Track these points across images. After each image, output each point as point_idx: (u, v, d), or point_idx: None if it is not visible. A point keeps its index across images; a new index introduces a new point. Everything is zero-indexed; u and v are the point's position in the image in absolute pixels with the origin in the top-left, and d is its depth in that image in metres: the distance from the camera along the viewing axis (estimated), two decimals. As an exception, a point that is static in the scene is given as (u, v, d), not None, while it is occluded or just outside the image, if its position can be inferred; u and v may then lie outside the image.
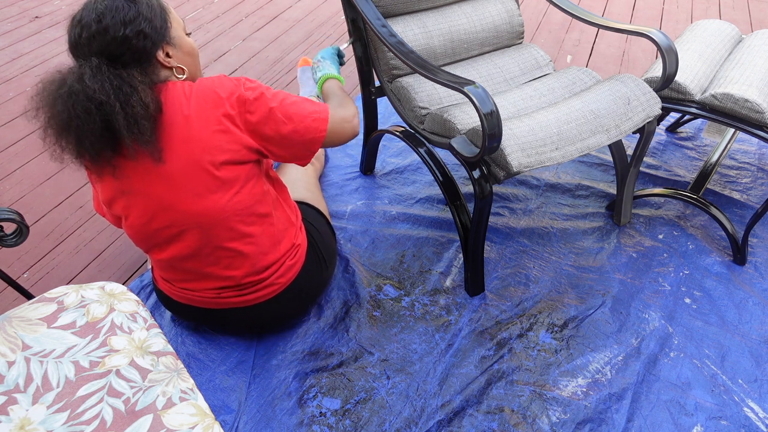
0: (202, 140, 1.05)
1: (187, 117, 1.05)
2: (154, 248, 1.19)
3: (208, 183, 1.08)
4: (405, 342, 1.42)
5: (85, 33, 0.99)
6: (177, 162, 1.06)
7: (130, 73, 1.00)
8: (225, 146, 1.07)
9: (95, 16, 0.99)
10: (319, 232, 1.41)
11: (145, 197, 1.10)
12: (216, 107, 1.06)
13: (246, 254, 1.19)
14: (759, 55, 1.63)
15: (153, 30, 1.03)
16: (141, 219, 1.13)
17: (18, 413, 0.81)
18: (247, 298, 1.25)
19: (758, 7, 3.37)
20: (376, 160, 1.98)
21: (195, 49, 1.16)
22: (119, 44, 1.00)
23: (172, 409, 0.85)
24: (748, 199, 1.88)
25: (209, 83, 1.08)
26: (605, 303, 1.52)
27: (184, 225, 1.12)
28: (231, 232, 1.15)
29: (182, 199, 1.09)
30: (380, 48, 1.58)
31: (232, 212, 1.13)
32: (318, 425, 1.24)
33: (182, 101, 1.05)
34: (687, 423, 1.26)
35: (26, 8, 3.17)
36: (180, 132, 1.05)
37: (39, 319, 0.95)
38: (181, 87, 1.07)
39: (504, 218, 1.79)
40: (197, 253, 1.16)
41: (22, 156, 2.05)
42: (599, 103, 1.36)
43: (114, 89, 0.97)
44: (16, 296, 1.52)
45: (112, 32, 0.99)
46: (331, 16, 3.19)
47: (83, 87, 0.96)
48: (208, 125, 1.06)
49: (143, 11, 1.02)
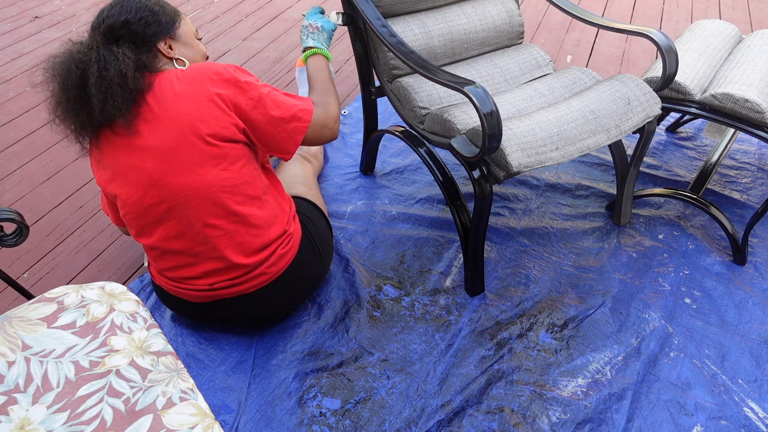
0: (189, 113, 1.11)
1: (177, 95, 1.11)
2: (145, 230, 1.21)
3: (195, 156, 1.12)
4: (405, 342, 1.42)
5: (99, 18, 1.15)
6: (166, 136, 1.11)
7: (121, 48, 1.11)
8: (213, 120, 1.12)
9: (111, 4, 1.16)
10: (315, 224, 1.41)
11: (137, 172, 1.14)
12: (206, 84, 1.12)
13: (233, 233, 1.20)
14: (759, 55, 1.63)
15: (156, 21, 1.17)
16: (134, 195, 1.16)
17: (18, 413, 0.81)
18: (240, 288, 1.25)
19: (758, 7, 3.37)
20: (376, 160, 1.98)
21: (203, 50, 1.28)
22: (121, 26, 1.13)
23: (172, 409, 0.85)
24: (748, 199, 1.88)
25: (200, 65, 1.15)
26: (605, 303, 1.52)
27: (173, 200, 1.15)
28: (218, 209, 1.17)
29: (171, 172, 1.13)
30: (380, 48, 1.58)
31: (218, 187, 1.15)
32: (318, 425, 1.24)
33: (173, 81, 1.13)
34: (687, 423, 1.26)
35: (26, 8, 3.17)
36: (169, 108, 1.11)
37: (39, 319, 0.95)
38: (174, 71, 1.15)
39: (504, 218, 1.79)
40: (186, 231, 1.18)
41: (22, 156, 2.05)
42: (599, 103, 1.36)
43: (98, 56, 1.08)
44: (16, 296, 1.52)
45: (117, 15, 1.14)
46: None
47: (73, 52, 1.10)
48: (197, 99, 1.11)
49: (152, 6, 1.17)
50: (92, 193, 1.89)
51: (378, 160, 2.03)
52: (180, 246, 1.20)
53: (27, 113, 2.28)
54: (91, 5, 3.22)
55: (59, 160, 2.03)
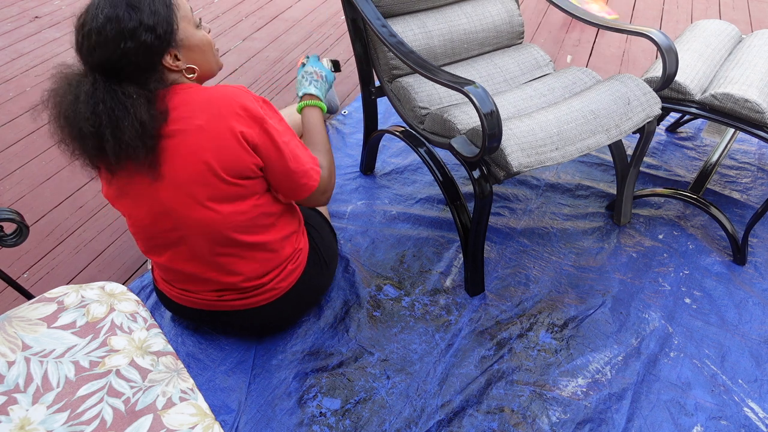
0: (211, 150, 1.03)
1: (200, 127, 1.02)
2: (154, 249, 1.19)
3: (212, 193, 1.07)
4: (405, 342, 1.42)
5: (86, 42, 0.97)
6: (184, 170, 1.04)
7: (126, 91, 0.98)
8: (233, 160, 1.05)
9: (96, 26, 0.96)
10: (320, 234, 1.41)
11: (150, 200, 1.09)
12: (231, 120, 1.03)
13: (247, 258, 1.19)
14: (759, 55, 1.63)
15: (156, 39, 0.98)
16: (145, 219, 1.13)
17: (18, 413, 0.81)
18: (248, 302, 1.25)
19: (758, 7, 3.37)
20: (376, 160, 1.98)
21: (207, 41, 1.09)
22: (119, 58, 0.97)
23: (172, 409, 0.85)
24: (748, 199, 1.88)
25: (229, 94, 1.04)
26: (605, 303, 1.52)
27: (186, 230, 1.12)
28: (232, 243, 1.15)
29: (186, 205, 1.08)
30: (380, 48, 1.58)
31: (233, 226, 1.12)
32: (318, 425, 1.24)
33: (196, 109, 1.02)
34: (687, 423, 1.26)
35: (26, 8, 3.17)
36: (191, 140, 1.03)
37: (39, 319, 0.95)
38: (197, 92, 1.03)
39: (504, 218, 1.79)
40: (197, 258, 1.16)
41: (22, 156, 2.05)
42: (599, 103, 1.36)
43: (106, 112, 0.96)
44: (16, 296, 1.52)
45: (112, 46, 0.96)
46: (331, 16, 3.19)
47: (77, 111, 0.97)
48: (220, 135, 1.03)
49: (145, 19, 0.97)
50: (92, 193, 1.89)
51: (378, 160, 2.03)
52: (191, 269, 1.19)
53: (27, 113, 2.28)
54: (91, 5, 3.22)
55: (59, 160, 2.03)
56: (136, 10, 0.97)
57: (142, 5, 0.97)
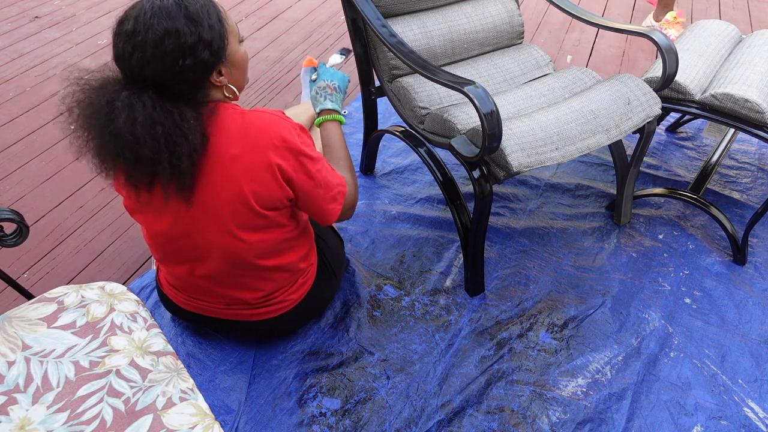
0: (244, 180, 1.00)
1: (234, 157, 0.98)
2: (171, 261, 1.17)
3: (240, 222, 1.06)
4: (405, 342, 1.42)
5: (138, 53, 0.89)
6: (213, 196, 1.01)
7: (183, 114, 0.93)
8: (266, 193, 1.03)
9: (153, 38, 0.88)
10: (329, 245, 1.40)
11: (173, 218, 1.06)
12: (268, 151, 0.99)
13: (264, 281, 1.20)
14: (759, 55, 1.63)
15: (212, 55, 0.94)
16: (163, 238, 1.10)
17: (18, 413, 0.81)
18: (257, 312, 1.26)
19: (758, 7, 3.37)
20: (376, 160, 1.98)
21: (247, 57, 1.06)
22: (175, 75, 0.91)
23: (172, 409, 0.85)
24: (748, 199, 1.88)
25: (268, 123, 1.00)
26: (605, 303, 1.52)
27: (207, 253, 1.11)
28: (253, 266, 1.15)
29: (211, 230, 1.06)
30: (380, 48, 1.58)
31: (256, 254, 1.12)
32: (318, 425, 1.23)
33: (232, 137, 0.98)
34: (687, 423, 1.26)
35: (26, 8, 3.17)
36: (224, 170, 0.99)
37: (39, 319, 0.95)
38: (233, 117, 0.99)
39: (504, 218, 1.79)
40: (214, 276, 1.16)
41: (22, 156, 2.05)
42: (599, 103, 1.36)
43: (165, 136, 0.91)
44: (16, 296, 1.52)
45: (170, 61, 0.90)
46: (331, 16, 3.19)
47: (135, 134, 0.90)
48: (254, 167, 0.99)
49: (204, 35, 0.91)
50: (92, 193, 1.89)
51: (378, 160, 2.03)
52: (204, 284, 1.18)
53: (27, 113, 2.28)
54: (91, 5, 3.22)
55: (59, 160, 2.03)
56: (195, 23, 0.91)
57: (201, 19, 0.92)
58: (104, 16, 3.11)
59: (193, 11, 0.91)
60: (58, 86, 2.46)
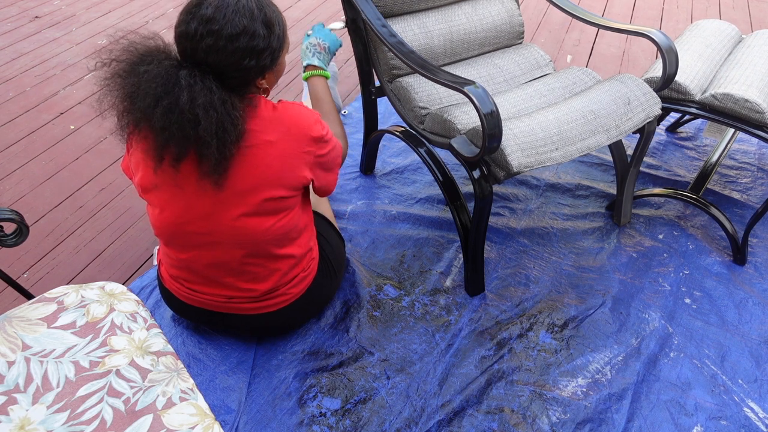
0: (276, 168, 1.05)
1: (269, 143, 1.03)
2: (177, 246, 1.17)
3: (260, 208, 1.08)
4: (405, 342, 1.42)
5: (209, 40, 0.92)
6: (243, 181, 1.04)
7: (234, 102, 0.96)
8: (291, 182, 1.08)
9: (230, 32, 0.92)
10: (330, 243, 1.41)
11: (191, 199, 1.07)
12: (302, 142, 1.07)
13: (271, 272, 1.20)
14: (759, 55, 1.63)
15: (271, 62, 1.01)
16: (178, 219, 1.10)
17: (18, 413, 0.81)
18: (257, 305, 1.26)
19: (758, 7, 3.37)
20: (376, 160, 1.98)
21: (285, 67, 1.15)
22: (237, 69, 0.96)
23: (172, 409, 0.85)
24: (748, 199, 1.88)
25: (298, 113, 1.07)
26: (605, 303, 1.52)
27: (220, 237, 1.11)
28: (263, 254, 1.16)
29: (229, 214, 1.08)
30: (380, 48, 1.58)
31: (270, 239, 1.14)
32: (318, 425, 1.24)
33: (267, 125, 1.04)
34: (687, 423, 1.26)
35: (26, 8, 3.17)
36: (258, 155, 1.03)
37: (39, 319, 0.95)
38: (266, 107, 1.05)
39: (504, 218, 1.79)
40: (224, 264, 1.16)
41: (22, 156, 2.05)
42: (599, 104, 1.36)
43: (218, 121, 0.94)
44: (16, 296, 1.52)
45: (237, 57, 0.94)
46: (331, 16, 3.19)
47: (191, 108, 0.92)
48: (288, 155, 1.05)
49: (273, 43, 0.98)
50: (92, 193, 1.89)
51: (378, 160, 2.03)
52: (211, 273, 1.19)
53: (27, 113, 2.28)
54: (91, 5, 3.22)
55: (59, 160, 2.03)
56: (269, 30, 0.97)
57: (275, 27, 0.98)
58: (104, 16, 3.11)
59: (269, 18, 0.97)
60: (58, 86, 2.46)
